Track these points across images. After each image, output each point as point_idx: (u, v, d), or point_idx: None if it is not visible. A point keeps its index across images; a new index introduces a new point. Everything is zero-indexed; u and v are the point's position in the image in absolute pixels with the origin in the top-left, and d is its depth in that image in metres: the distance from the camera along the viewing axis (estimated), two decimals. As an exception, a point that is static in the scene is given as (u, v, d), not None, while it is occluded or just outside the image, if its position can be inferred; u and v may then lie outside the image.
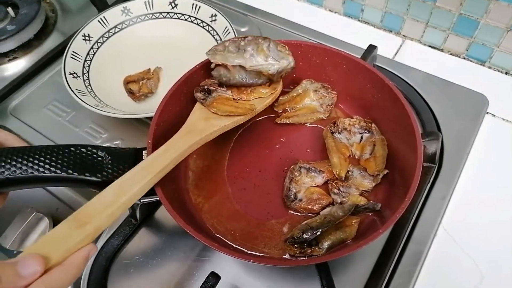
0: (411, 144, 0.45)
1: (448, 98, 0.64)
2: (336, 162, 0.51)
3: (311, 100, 0.58)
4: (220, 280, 0.44)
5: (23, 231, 0.49)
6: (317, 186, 0.51)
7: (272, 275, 0.49)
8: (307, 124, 0.57)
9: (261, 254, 0.46)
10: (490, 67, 0.70)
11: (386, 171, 0.50)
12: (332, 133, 0.54)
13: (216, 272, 0.44)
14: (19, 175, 0.41)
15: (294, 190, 0.49)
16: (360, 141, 0.54)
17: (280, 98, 0.58)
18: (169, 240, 0.52)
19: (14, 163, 0.41)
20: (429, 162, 0.56)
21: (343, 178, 0.50)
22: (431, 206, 0.54)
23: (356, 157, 0.53)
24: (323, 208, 0.49)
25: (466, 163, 0.58)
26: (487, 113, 0.63)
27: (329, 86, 0.57)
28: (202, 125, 0.47)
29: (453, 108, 0.63)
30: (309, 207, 0.49)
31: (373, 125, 0.54)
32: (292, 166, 0.52)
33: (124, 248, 0.52)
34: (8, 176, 0.40)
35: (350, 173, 0.51)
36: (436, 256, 0.51)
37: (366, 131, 0.54)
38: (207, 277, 0.44)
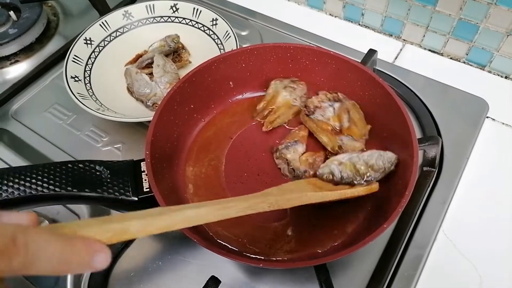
0: (405, 139, 0.46)
1: (448, 102, 0.64)
2: (326, 139, 0.53)
3: (284, 96, 0.58)
4: (220, 284, 0.44)
5: (24, 235, 0.49)
6: (304, 152, 0.53)
7: (272, 279, 0.49)
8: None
9: (263, 257, 0.46)
10: (490, 72, 0.70)
11: (369, 127, 0.52)
12: (308, 115, 0.55)
13: (216, 276, 0.44)
14: (18, 195, 0.40)
15: (293, 167, 0.51)
16: (334, 113, 0.55)
17: (257, 107, 0.59)
18: (169, 244, 0.52)
19: (11, 184, 0.40)
20: (429, 167, 0.56)
21: (338, 150, 0.52)
22: (431, 210, 0.54)
23: (338, 129, 0.54)
24: (325, 160, 0.50)
25: (466, 167, 0.58)
26: (487, 117, 0.63)
27: (296, 79, 0.59)
28: None
29: (453, 112, 0.63)
30: (316, 171, 0.50)
31: (339, 94, 0.56)
32: (274, 157, 0.54)
33: (125, 252, 0.52)
34: (6, 197, 0.40)
35: (340, 142, 0.52)
36: (436, 260, 0.51)
37: (335, 102, 0.55)
38: (207, 281, 0.44)
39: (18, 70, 0.74)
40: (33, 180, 0.41)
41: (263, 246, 0.47)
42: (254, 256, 0.46)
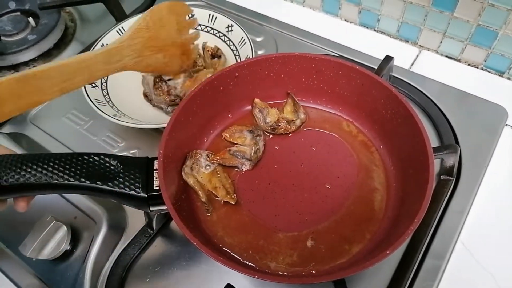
0: (422, 165, 0.44)
1: (466, 109, 0.63)
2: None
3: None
4: (236, 293, 0.44)
5: (42, 239, 0.50)
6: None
7: (287, 288, 0.49)
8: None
9: (266, 270, 0.45)
10: (509, 78, 0.69)
11: None
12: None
13: (232, 284, 0.44)
14: (33, 181, 0.41)
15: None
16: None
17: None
18: (184, 250, 0.53)
19: (29, 169, 0.41)
20: (447, 175, 0.56)
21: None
22: (449, 220, 0.53)
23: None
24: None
25: (485, 176, 0.57)
26: (506, 125, 0.62)
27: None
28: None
29: (471, 120, 0.62)
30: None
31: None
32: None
33: (140, 258, 0.52)
34: (22, 182, 0.41)
35: None
36: (454, 271, 0.50)
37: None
38: (223, 288, 0.44)
39: (36, 75, 0.75)
40: (49, 168, 0.42)
41: (265, 256, 0.47)
42: (257, 267, 0.46)
